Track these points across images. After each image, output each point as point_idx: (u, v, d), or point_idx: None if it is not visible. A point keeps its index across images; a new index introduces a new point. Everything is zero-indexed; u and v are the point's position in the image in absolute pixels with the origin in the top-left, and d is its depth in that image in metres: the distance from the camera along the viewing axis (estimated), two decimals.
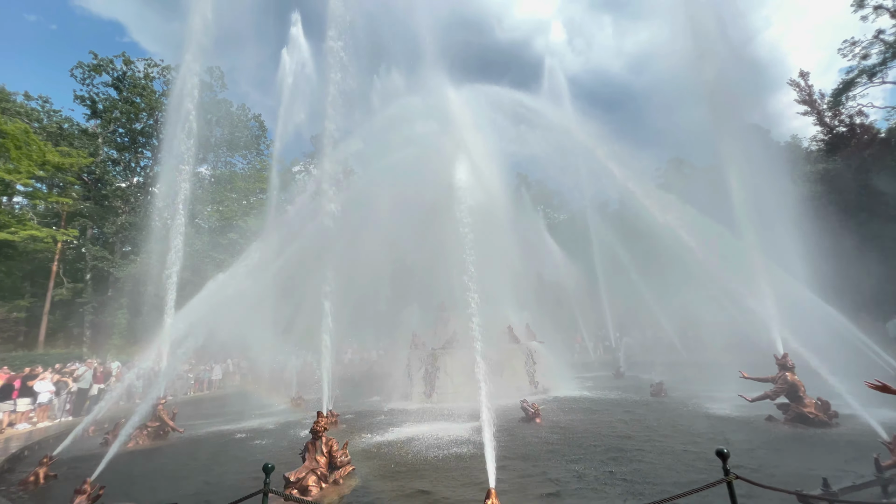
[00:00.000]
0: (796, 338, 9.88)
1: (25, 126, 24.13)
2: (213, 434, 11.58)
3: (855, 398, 8.19)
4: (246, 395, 19.28)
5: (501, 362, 14.73)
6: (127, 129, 32.48)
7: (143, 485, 7.21)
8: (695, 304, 19.50)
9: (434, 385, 14.46)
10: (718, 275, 11.68)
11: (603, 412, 11.18)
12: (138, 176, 33.68)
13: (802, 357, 9.42)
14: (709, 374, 14.57)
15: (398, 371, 16.83)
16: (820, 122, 28.50)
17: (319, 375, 11.11)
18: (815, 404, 8.68)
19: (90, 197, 30.70)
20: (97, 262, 28.84)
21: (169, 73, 32.39)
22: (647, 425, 9.28)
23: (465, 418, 11.13)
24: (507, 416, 10.82)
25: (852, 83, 27.26)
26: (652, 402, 12.11)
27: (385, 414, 13.03)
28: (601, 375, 19.40)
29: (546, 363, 16.28)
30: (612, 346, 26.60)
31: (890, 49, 25.62)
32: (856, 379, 9.61)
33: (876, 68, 26.51)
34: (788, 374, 9.13)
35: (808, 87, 28.48)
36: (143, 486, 7.16)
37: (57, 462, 8.26)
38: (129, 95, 31.57)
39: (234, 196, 34.36)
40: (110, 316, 28.03)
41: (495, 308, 16.49)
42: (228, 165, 36.65)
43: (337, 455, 6.86)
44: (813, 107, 28.46)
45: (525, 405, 10.63)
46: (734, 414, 9.96)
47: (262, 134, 38.17)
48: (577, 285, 27.52)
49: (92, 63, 30.92)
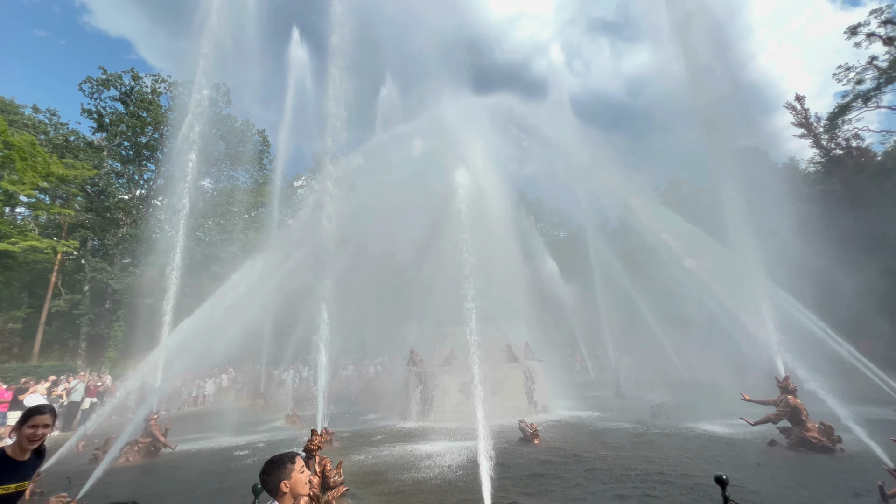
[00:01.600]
0: (797, 360, 9.79)
1: (32, 138, 24.42)
2: (205, 451, 11.37)
3: (858, 423, 8.07)
4: (241, 410, 19.00)
5: (500, 381, 14.55)
6: (132, 142, 32.89)
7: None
8: (695, 323, 19.40)
9: (431, 403, 14.25)
10: (718, 295, 11.64)
11: (603, 434, 10.99)
12: (141, 188, 33.95)
13: (803, 380, 9.32)
14: (710, 396, 14.38)
15: (396, 388, 16.62)
16: (817, 144, 28.85)
17: (315, 392, 10.98)
18: (818, 428, 8.53)
19: (92, 209, 30.86)
20: (96, 273, 28.80)
21: (176, 88, 32.96)
22: (648, 448, 9.11)
23: (463, 438, 10.93)
24: (506, 437, 10.64)
25: (848, 107, 27.73)
26: (653, 424, 11.91)
27: (381, 432, 12.81)
28: (601, 395, 19.13)
29: (545, 382, 16.08)
30: (612, 366, 26.32)
31: (884, 75, 26.15)
32: (858, 403, 9.50)
33: (870, 93, 27.02)
34: (790, 398, 9.00)
35: (804, 110, 28.93)
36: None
37: (44, 479, 8.08)
38: (136, 110, 32.06)
39: (235, 210, 34.55)
40: (107, 328, 27.86)
41: (494, 325, 16.41)
42: (231, 179, 36.97)
43: (330, 475, 6.71)
44: (809, 130, 28.85)
45: (523, 425, 10.45)
46: (736, 437, 9.79)
47: (266, 149, 38.63)
48: (577, 303, 27.40)
49: (101, 78, 31.50)
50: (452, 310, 15.86)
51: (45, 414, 2.90)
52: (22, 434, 2.82)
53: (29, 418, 2.85)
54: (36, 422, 2.85)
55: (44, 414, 2.88)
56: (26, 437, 2.82)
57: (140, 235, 30.07)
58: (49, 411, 2.95)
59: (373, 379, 25.12)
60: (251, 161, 37.22)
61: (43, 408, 2.93)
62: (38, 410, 2.89)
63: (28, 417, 2.85)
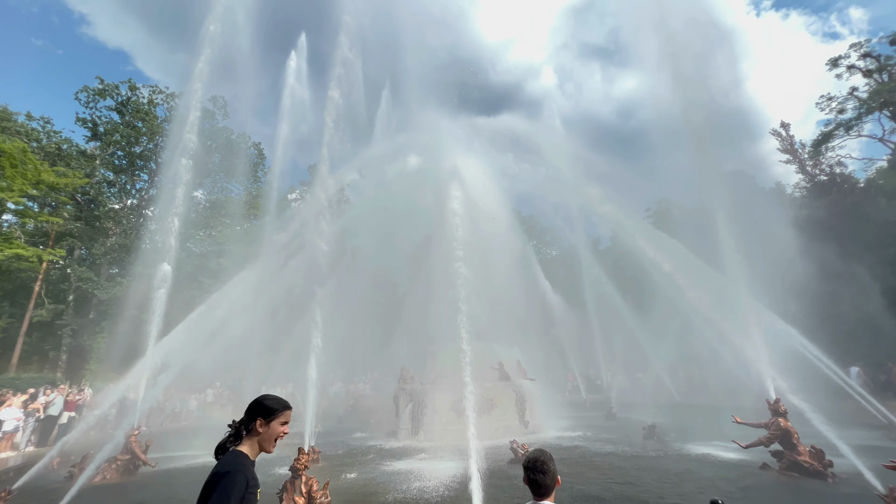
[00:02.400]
0: (787, 383, 9.84)
1: (23, 145, 24.20)
2: (186, 469, 11.00)
3: (849, 447, 8.08)
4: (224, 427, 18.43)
5: (491, 400, 14.39)
6: (126, 151, 32.75)
7: None
8: (687, 345, 19.46)
9: (421, 422, 14.00)
10: (709, 316, 11.74)
11: (595, 455, 10.85)
12: (133, 198, 33.67)
13: (793, 403, 9.35)
14: (702, 418, 14.33)
15: (385, 406, 16.35)
16: (802, 170, 29.65)
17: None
18: (810, 452, 8.52)
19: (81, 217, 30.46)
20: (82, 283, 28.22)
21: (173, 100, 33.09)
22: (640, 470, 9.01)
23: (453, 458, 10.72)
24: (497, 457, 10.46)
25: (830, 135, 28.65)
26: (644, 446, 11.80)
27: (370, 451, 12.52)
28: (593, 416, 18.97)
29: (537, 402, 15.92)
30: (605, 386, 26.20)
31: (864, 105, 27.15)
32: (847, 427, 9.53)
33: (852, 122, 27.99)
34: (781, 420, 9.00)
35: (789, 137, 29.81)
36: None
37: (16, 497, 7.74)
38: (132, 120, 32.05)
39: (227, 221, 34.33)
40: (89, 339, 27.16)
41: (486, 343, 16.31)
42: (224, 191, 36.84)
43: (317, 496, 6.52)
44: (794, 156, 29.68)
45: (514, 446, 10.29)
46: (728, 460, 9.73)
47: (261, 161, 38.68)
48: (569, 322, 27.38)
49: (97, 87, 31.54)
50: (444, 327, 15.79)
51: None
52: (273, 431, 2.37)
53: (282, 412, 2.40)
54: (288, 417, 2.45)
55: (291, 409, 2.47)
56: (279, 435, 2.40)
57: (129, 245, 29.69)
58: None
59: (362, 396, 24.70)
60: (246, 173, 37.21)
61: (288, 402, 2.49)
62: (289, 404, 2.46)
63: (281, 411, 2.40)
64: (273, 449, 2.41)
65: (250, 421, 2.35)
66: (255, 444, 2.34)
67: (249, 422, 2.35)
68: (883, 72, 26.67)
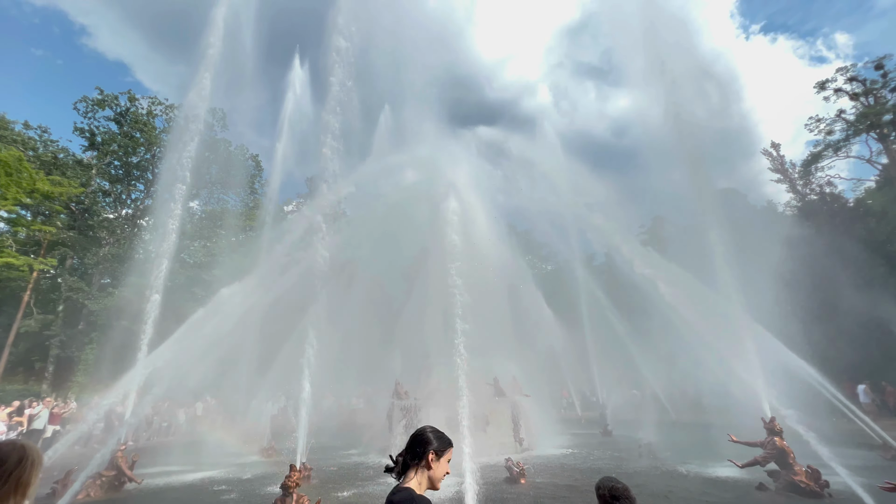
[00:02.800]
0: (782, 401, 9.85)
1: (19, 154, 24.14)
2: (173, 486, 10.73)
3: (843, 467, 8.06)
4: (215, 442, 18.10)
5: (486, 416, 14.22)
6: (123, 161, 32.75)
7: None
8: (682, 362, 19.45)
9: None
10: (704, 334, 11.78)
11: (590, 473, 10.72)
12: (128, 208, 33.53)
13: (789, 422, 9.34)
14: (698, 436, 14.24)
15: (378, 422, 16.12)
16: (792, 189, 30.19)
17: (295, 424, 10.57)
18: (806, 472, 8.47)
19: (75, 226, 30.23)
20: (72, 293, 27.84)
21: (172, 111, 33.26)
22: (636, 490, 8.89)
23: (448, 478, 10.54)
24: (492, 475, 10.32)
25: (820, 156, 29.27)
26: (641, 465, 11.68)
27: (362, 468, 12.30)
28: (588, 433, 18.80)
29: (532, 419, 15.76)
30: (599, 403, 26.00)
31: (851, 127, 27.83)
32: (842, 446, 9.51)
33: (840, 143, 28.64)
34: (777, 440, 8.98)
35: (779, 157, 30.43)
36: None
37: None
38: (130, 130, 32.13)
39: (223, 233, 34.21)
40: (78, 351, 26.67)
41: (481, 358, 16.18)
42: (220, 202, 36.80)
43: None
44: (785, 175, 30.25)
45: (510, 464, 10.16)
46: (725, 479, 9.65)
47: (258, 173, 38.78)
48: (564, 338, 27.30)
49: (97, 98, 31.67)
50: (440, 341, 15.69)
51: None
52: (444, 467, 2.25)
53: (450, 448, 2.31)
54: (451, 454, 2.33)
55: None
56: (447, 472, 2.26)
57: (122, 255, 29.42)
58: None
59: (355, 411, 24.34)
60: (243, 184, 37.27)
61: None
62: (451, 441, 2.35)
63: (450, 447, 2.31)
64: (440, 486, 2.26)
65: (421, 455, 2.21)
66: (425, 480, 2.19)
67: (418, 457, 2.21)
68: (869, 95, 27.43)
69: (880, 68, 26.56)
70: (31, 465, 1.73)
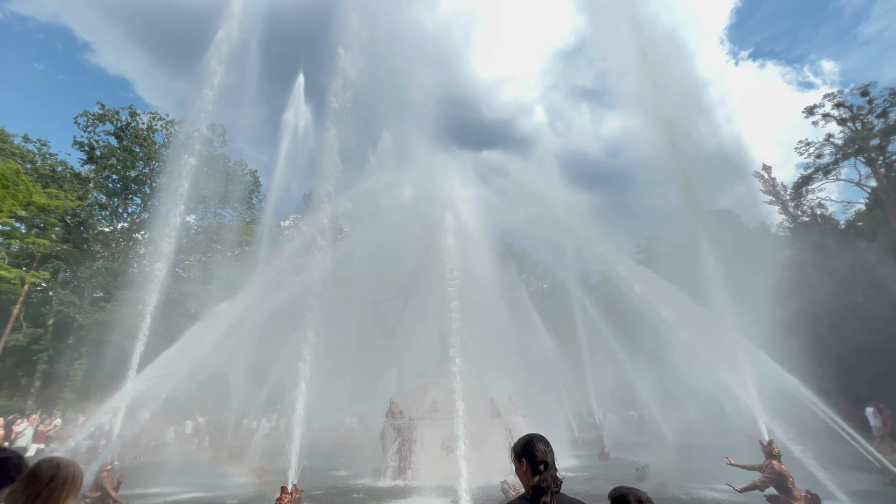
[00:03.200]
0: (779, 424, 9.79)
1: (17, 166, 24.16)
2: None
3: (843, 493, 7.98)
4: (203, 462, 17.65)
5: (482, 437, 13.99)
6: (121, 175, 32.82)
7: None
8: (678, 382, 19.33)
9: (410, 459, 13.52)
10: (700, 354, 11.77)
11: (587, 498, 10.50)
12: (124, 221, 33.45)
13: (786, 445, 9.27)
14: (696, 458, 14.06)
15: (372, 442, 15.81)
16: (784, 211, 30.64)
17: (287, 445, 10.35)
18: (805, 497, 8.36)
19: (69, 239, 30.05)
20: (63, 307, 27.48)
21: (172, 126, 33.55)
22: None
23: (443, 498, 10.32)
24: (488, 498, 10.11)
25: (810, 178, 29.86)
26: (639, 488, 11.48)
27: (355, 491, 12.03)
28: (585, 454, 18.51)
29: None
30: (596, 423, 25.68)
31: (840, 151, 28.48)
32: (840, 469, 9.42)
33: (830, 166, 29.26)
34: (775, 463, 8.88)
35: (771, 179, 30.97)
36: None
37: None
38: (130, 144, 32.30)
39: (219, 247, 34.12)
40: (66, 366, 26.17)
41: (477, 378, 16.04)
42: (218, 217, 36.83)
43: None
44: (777, 197, 30.74)
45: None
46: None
47: (256, 189, 38.96)
48: (560, 357, 27.12)
49: (98, 112, 31.94)
50: (435, 360, 15.55)
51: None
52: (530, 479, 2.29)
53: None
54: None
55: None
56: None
57: (116, 269, 29.20)
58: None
59: (348, 431, 23.90)
60: (241, 199, 37.40)
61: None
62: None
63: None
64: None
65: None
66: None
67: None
68: (856, 121, 28.17)
69: (866, 95, 27.35)
70: (62, 485, 1.77)
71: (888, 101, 26.50)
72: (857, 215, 29.65)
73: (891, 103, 26.43)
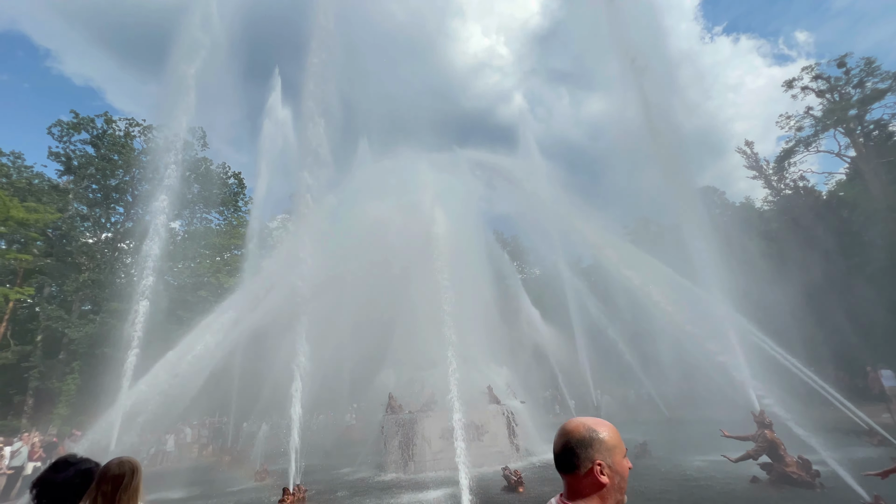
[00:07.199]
0: (768, 392, 10.02)
1: None
2: None
3: (833, 456, 8.21)
4: (205, 468, 17.62)
5: (482, 425, 14.14)
6: (101, 184, 32.05)
7: None
8: (673, 360, 19.67)
9: (411, 452, 13.61)
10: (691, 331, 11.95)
11: None
12: (107, 232, 32.77)
13: (777, 414, 9.50)
14: (691, 433, 14.37)
15: (372, 437, 15.89)
16: (768, 185, 31.07)
17: (287, 447, 10.35)
18: (797, 463, 8.61)
19: (52, 253, 29.39)
20: (51, 322, 26.96)
21: (150, 132, 32.78)
22: (636, 491, 8.91)
23: (445, 489, 10.43)
24: (490, 485, 10.25)
25: (791, 151, 30.25)
26: (636, 464, 11.70)
27: (358, 486, 12.09)
28: None
29: (527, 425, 15.72)
30: (594, 404, 26.07)
31: (820, 123, 28.85)
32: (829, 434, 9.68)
33: (810, 139, 29.65)
34: (767, 432, 9.11)
35: (753, 154, 31.32)
36: None
37: None
38: (108, 153, 31.51)
39: (207, 252, 33.66)
40: (58, 381, 25.77)
41: (473, 367, 16.15)
42: (204, 221, 36.27)
43: None
44: (760, 172, 31.13)
45: (507, 473, 10.10)
46: (720, 475, 9.73)
47: (241, 191, 38.40)
48: (555, 341, 27.40)
49: (72, 121, 31.06)
50: (432, 352, 15.60)
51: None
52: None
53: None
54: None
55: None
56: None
57: (103, 281, 28.67)
58: None
59: (348, 428, 23.98)
60: (226, 203, 36.85)
61: None
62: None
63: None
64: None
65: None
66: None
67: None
68: (834, 92, 28.50)
69: (843, 66, 27.65)
70: (139, 474, 2.18)
71: (864, 71, 26.84)
72: (838, 185, 30.15)
73: (866, 73, 26.78)
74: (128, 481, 2.11)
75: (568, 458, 1.48)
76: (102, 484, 2.07)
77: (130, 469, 2.15)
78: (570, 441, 1.48)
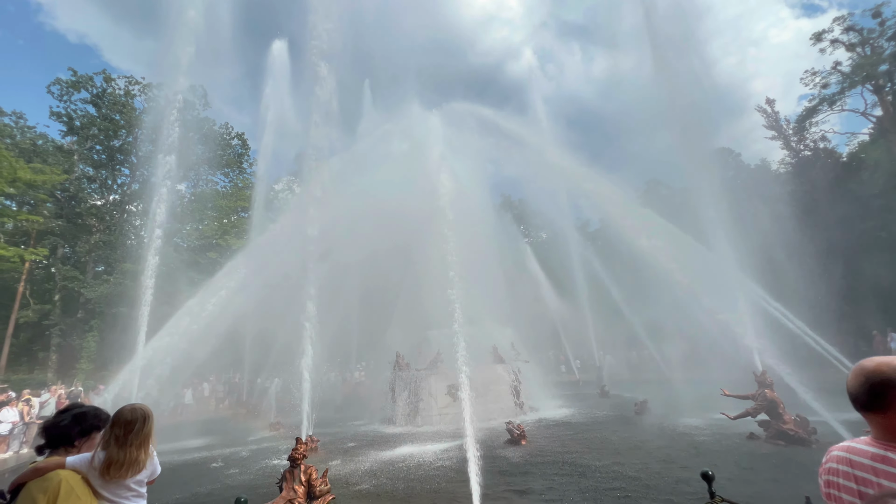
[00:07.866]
0: (772, 354, 10.09)
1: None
2: (184, 464, 11.02)
3: (831, 414, 8.36)
4: (222, 420, 18.52)
5: (486, 383, 14.56)
6: (105, 146, 31.77)
7: None
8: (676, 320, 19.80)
9: (418, 407, 14.16)
10: (696, 292, 11.93)
11: (588, 433, 11.10)
12: (115, 194, 32.83)
13: (779, 373, 9.61)
14: (692, 392, 14.68)
15: (381, 393, 16.47)
16: (787, 146, 29.93)
17: (299, 399, 10.77)
18: (795, 421, 8.81)
19: (62, 215, 29.68)
20: (67, 282, 27.68)
21: (150, 90, 32.03)
22: (633, 446, 9.23)
23: (451, 441, 10.89)
24: (494, 438, 10.66)
25: (815, 110, 28.87)
26: (636, 422, 12.09)
27: (368, 438, 12.66)
28: (586, 394, 19.36)
29: (531, 383, 16.16)
30: (596, 365, 26.67)
31: (847, 79, 27.31)
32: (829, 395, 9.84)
33: (835, 97, 28.17)
34: (767, 392, 9.27)
35: (774, 113, 29.99)
36: None
37: None
38: (109, 113, 31.00)
39: (214, 214, 33.74)
40: (79, 339, 26.78)
41: (479, 326, 16.41)
42: (210, 184, 36.09)
43: (316, 484, 6.58)
44: (779, 132, 29.91)
45: (510, 427, 10.48)
46: (717, 432, 10.02)
47: (245, 152, 37.91)
48: (560, 303, 27.67)
49: (70, 79, 30.39)
50: (438, 312, 15.82)
51: None
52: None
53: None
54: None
55: None
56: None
57: (114, 242, 29.06)
58: None
59: (358, 384, 24.85)
60: (231, 164, 36.51)
61: None
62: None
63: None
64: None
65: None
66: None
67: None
68: (865, 45, 26.78)
69: (878, 16, 25.80)
70: (151, 421, 2.29)
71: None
72: (860, 146, 28.93)
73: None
74: (139, 427, 2.20)
75: (876, 397, 1.48)
76: (115, 427, 2.17)
77: (143, 415, 2.24)
78: (878, 379, 1.48)
